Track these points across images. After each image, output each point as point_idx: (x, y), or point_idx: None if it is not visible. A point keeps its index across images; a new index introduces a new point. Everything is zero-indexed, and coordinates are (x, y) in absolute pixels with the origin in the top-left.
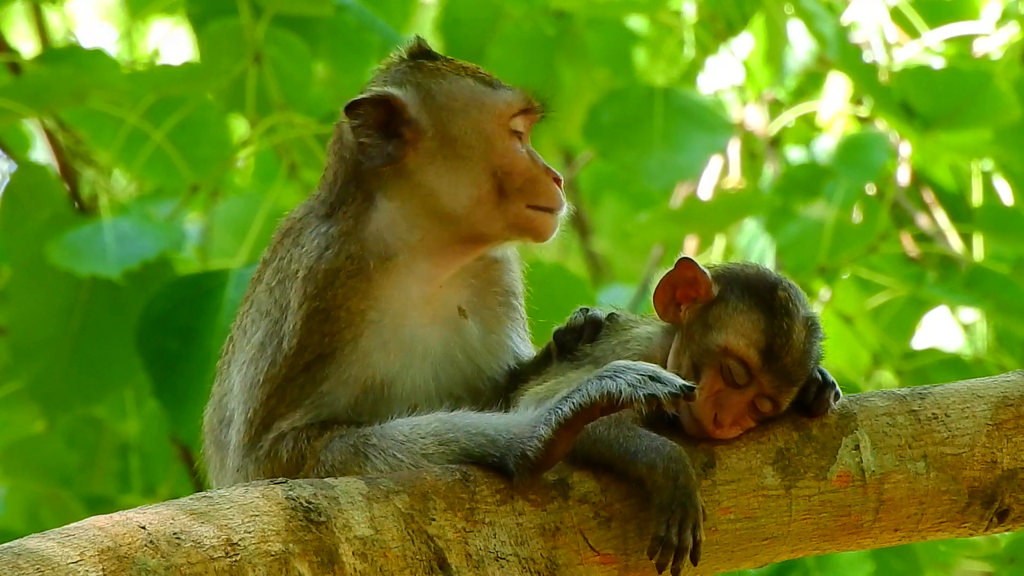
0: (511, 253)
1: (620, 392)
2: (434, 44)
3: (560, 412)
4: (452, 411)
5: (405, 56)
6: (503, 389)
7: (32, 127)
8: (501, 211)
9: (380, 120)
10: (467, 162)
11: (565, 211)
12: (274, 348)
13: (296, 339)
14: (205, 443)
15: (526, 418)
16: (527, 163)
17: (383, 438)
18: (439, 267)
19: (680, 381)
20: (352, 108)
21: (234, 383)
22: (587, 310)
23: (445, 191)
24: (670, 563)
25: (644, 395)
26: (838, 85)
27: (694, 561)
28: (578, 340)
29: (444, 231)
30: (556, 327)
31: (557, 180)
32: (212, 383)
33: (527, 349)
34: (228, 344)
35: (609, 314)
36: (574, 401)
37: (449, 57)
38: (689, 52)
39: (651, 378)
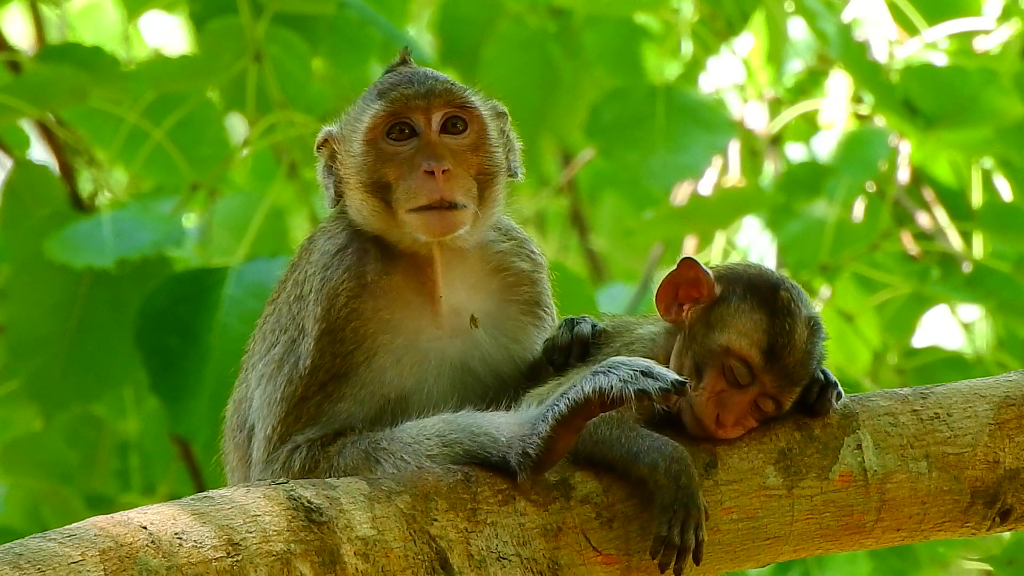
0: (535, 263)
1: (612, 387)
2: (431, 42)
3: (557, 409)
4: (456, 412)
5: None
6: (515, 393)
7: (28, 126)
8: (395, 221)
9: (326, 163)
10: (351, 184)
11: (457, 200)
12: (291, 367)
13: (310, 360)
14: (224, 440)
15: (526, 417)
16: (394, 170)
17: (392, 441)
18: (426, 277)
19: (672, 376)
20: (318, 149)
21: (253, 394)
22: (573, 324)
23: (358, 215)
24: (672, 563)
25: (634, 390)
26: (839, 83)
27: (696, 561)
28: (567, 358)
29: (391, 247)
30: (545, 342)
31: (430, 172)
32: (210, 379)
33: None
34: (251, 343)
35: (596, 328)
36: (569, 398)
37: (406, 66)
38: (688, 50)
39: (643, 373)
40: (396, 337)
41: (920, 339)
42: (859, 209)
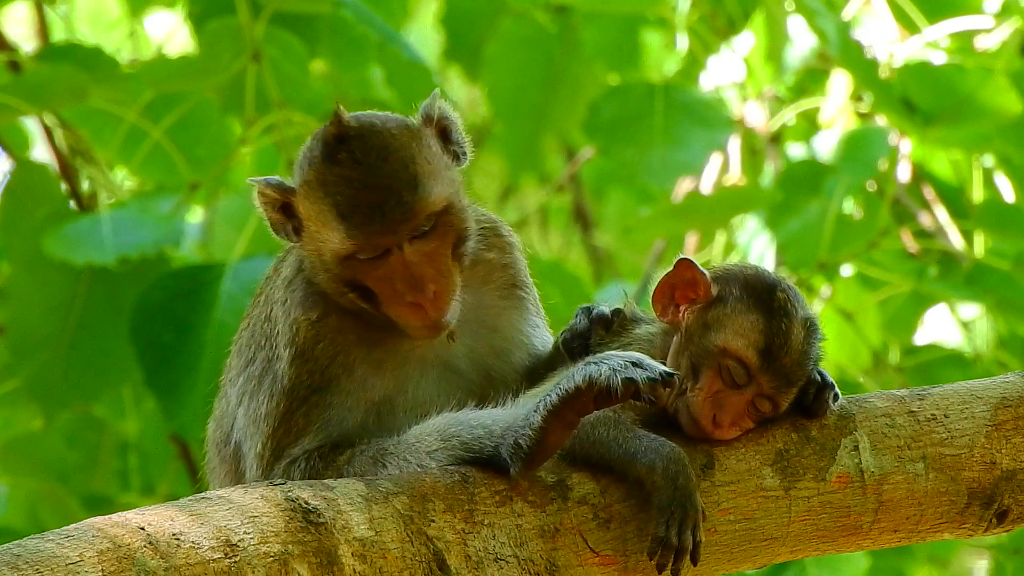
0: (505, 246)
1: (601, 375)
2: (435, 39)
3: (549, 400)
4: (457, 411)
5: (322, 136)
6: (515, 390)
7: (32, 125)
8: (379, 311)
9: (277, 203)
10: (327, 273)
11: (447, 312)
12: (270, 383)
13: (288, 379)
14: (208, 455)
15: (521, 411)
16: (374, 284)
17: (398, 445)
18: None
19: (661, 368)
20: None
21: (236, 412)
22: (589, 310)
23: (321, 277)
24: (670, 564)
25: (622, 379)
26: (839, 81)
27: (694, 562)
28: (587, 342)
29: None
30: (562, 334)
31: (416, 304)
32: (205, 375)
33: (542, 336)
34: (229, 358)
35: (615, 310)
36: (561, 388)
37: (348, 159)
38: (684, 48)
39: (634, 364)
40: (372, 349)
41: (920, 337)
42: (858, 207)
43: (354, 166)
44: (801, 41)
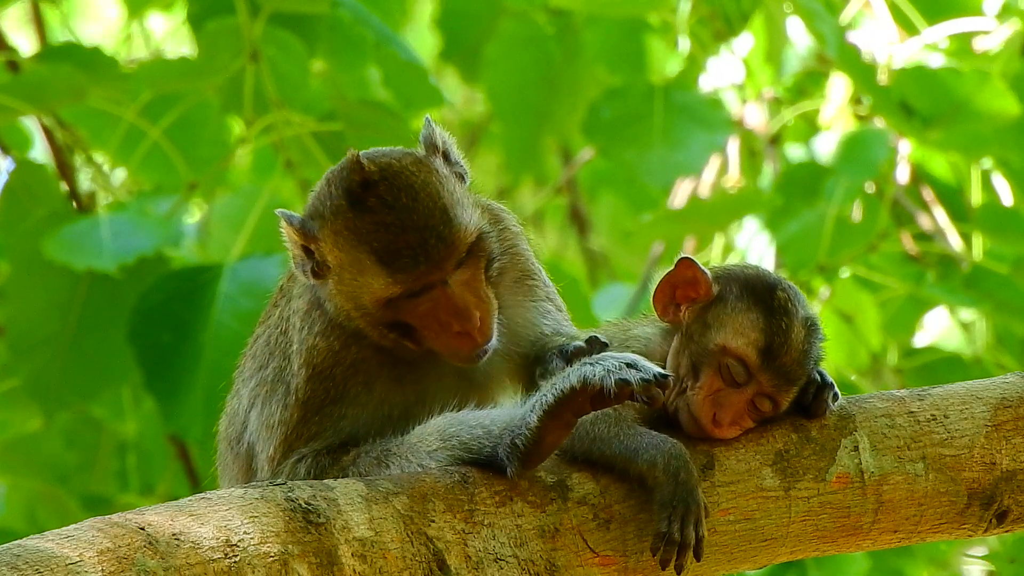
0: (511, 238)
1: (595, 375)
2: (433, 40)
3: (545, 399)
4: (460, 411)
5: (344, 183)
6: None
7: (32, 125)
8: (417, 347)
9: (301, 243)
10: (365, 318)
11: (487, 344)
12: (284, 391)
13: (302, 393)
14: (220, 450)
15: (520, 410)
16: (416, 320)
17: (401, 445)
18: None
19: (656, 369)
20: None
21: (249, 415)
22: (564, 351)
23: (356, 322)
24: (673, 559)
25: (616, 380)
26: (838, 83)
27: (697, 557)
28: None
29: None
30: (539, 379)
31: (464, 332)
32: (203, 376)
33: (553, 319)
34: (242, 359)
35: (591, 338)
36: (557, 387)
37: (379, 204)
38: (684, 50)
39: (628, 365)
40: (394, 368)
41: (920, 339)
42: (857, 209)
43: (387, 211)
44: (800, 43)
